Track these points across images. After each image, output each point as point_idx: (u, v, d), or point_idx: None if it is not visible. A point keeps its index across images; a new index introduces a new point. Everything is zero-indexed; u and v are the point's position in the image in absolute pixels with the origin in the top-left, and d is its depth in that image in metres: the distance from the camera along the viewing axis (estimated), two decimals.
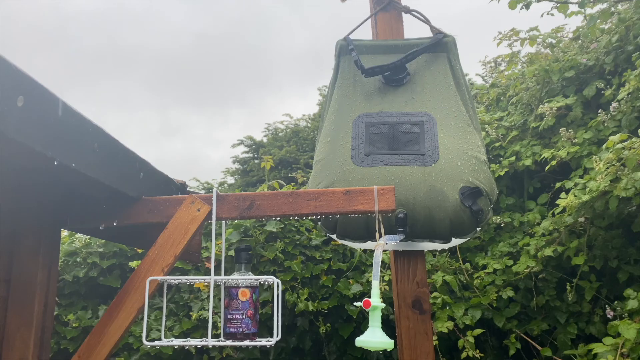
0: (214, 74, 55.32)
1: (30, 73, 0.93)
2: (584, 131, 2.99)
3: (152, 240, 1.47)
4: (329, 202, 1.46)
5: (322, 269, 3.09)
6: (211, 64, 58.52)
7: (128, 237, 1.72)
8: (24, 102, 0.91)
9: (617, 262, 2.78)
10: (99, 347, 1.37)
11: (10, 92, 0.88)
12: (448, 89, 1.86)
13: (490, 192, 1.70)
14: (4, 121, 0.86)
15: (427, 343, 1.79)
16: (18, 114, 0.90)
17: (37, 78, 0.96)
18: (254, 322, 1.44)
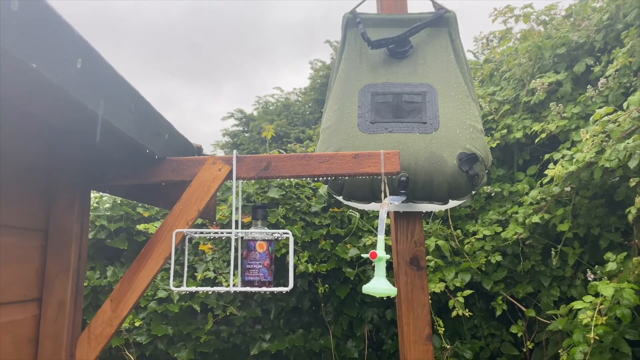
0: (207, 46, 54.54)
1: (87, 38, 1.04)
2: (572, 106, 3.13)
3: (172, 200, 1.60)
4: (340, 164, 1.60)
5: (321, 234, 3.24)
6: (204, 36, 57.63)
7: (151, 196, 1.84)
8: (81, 64, 1.02)
9: (599, 229, 2.96)
10: (129, 293, 1.50)
11: (72, 55, 0.99)
12: (448, 62, 1.98)
13: (486, 158, 1.84)
14: (66, 81, 0.97)
15: (423, 296, 1.96)
16: (77, 75, 1.01)
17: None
18: (270, 272, 1.59)
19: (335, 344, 3.28)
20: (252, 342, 3.16)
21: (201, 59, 46.52)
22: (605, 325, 2.47)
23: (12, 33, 0.80)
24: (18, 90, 1.03)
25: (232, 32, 57.99)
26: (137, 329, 2.99)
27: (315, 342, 3.25)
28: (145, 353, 2.99)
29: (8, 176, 1.31)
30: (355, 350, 3.29)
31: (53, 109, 1.13)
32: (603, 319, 2.48)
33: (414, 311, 1.94)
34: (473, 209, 3.40)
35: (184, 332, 3.02)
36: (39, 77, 0.90)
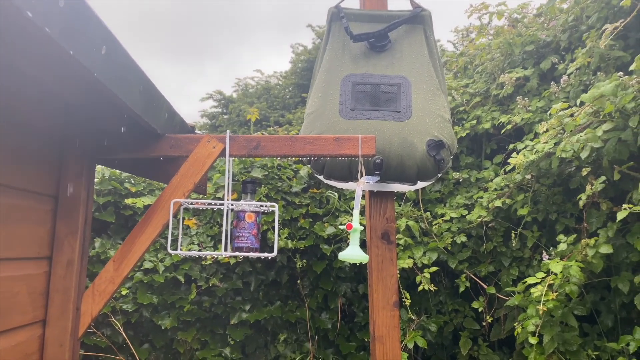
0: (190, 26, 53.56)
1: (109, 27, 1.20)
2: (537, 100, 3.38)
3: (168, 174, 1.78)
4: (322, 146, 1.80)
5: (301, 212, 3.45)
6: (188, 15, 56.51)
7: (150, 171, 2.02)
8: (105, 50, 1.19)
9: (557, 215, 3.23)
10: (130, 254, 1.69)
11: (99, 43, 1.15)
12: (422, 56, 2.18)
13: (452, 145, 2.06)
14: (93, 65, 1.14)
15: (392, 267, 2.18)
16: (101, 60, 1.18)
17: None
18: (257, 240, 1.78)
19: (311, 316, 3.51)
20: (233, 312, 3.36)
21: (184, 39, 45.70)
22: (555, 300, 2.74)
23: (58, 25, 0.97)
24: (50, 73, 1.20)
25: (216, 12, 56.93)
26: (123, 298, 3.16)
27: (292, 313, 3.47)
28: (131, 320, 3.17)
29: (26, 147, 1.47)
30: (329, 321, 3.52)
31: (75, 88, 1.30)
32: (554, 294, 2.75)
33: (383, 280, 2.16)
34: (442, 194, 3.64)
35: (168, 301, 3.20)
36: (73, 61, 1.07)
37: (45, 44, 0.99)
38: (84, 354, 3.12)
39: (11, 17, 0.87)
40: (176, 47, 41.94)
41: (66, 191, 1.65)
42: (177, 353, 3.32)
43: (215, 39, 41.07)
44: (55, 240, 1.63)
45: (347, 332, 3.63)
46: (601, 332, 3.03)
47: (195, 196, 3.19)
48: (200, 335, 3.31)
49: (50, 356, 1.57)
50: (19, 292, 1.44)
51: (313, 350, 3.51)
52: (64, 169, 1.66)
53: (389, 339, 2.14)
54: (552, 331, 2.82)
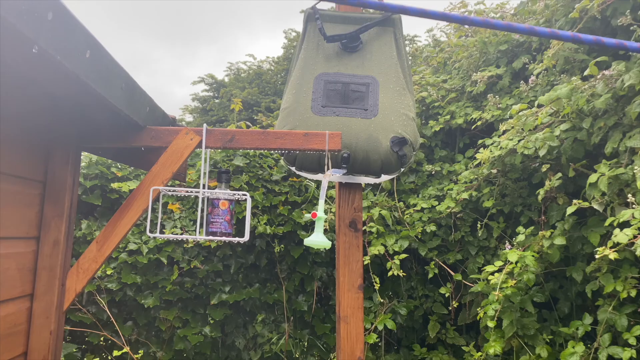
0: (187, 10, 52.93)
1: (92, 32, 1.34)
2: (508, 98, 3.55)
3: (149, 163, 1.93)
4: (292, 140, 1.95)
5: (280, 200, 3.61)
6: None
7: (133, 159, 2.17)
8: (89, 54, 1.33)
9: (522, 208, 3.42)
10: (112, 236, 1.84)
11: (84, 48, 1.30)
12: (391, 58, 2.33)
13: (414, 142, 2.22)
14: (78, 68, 1.28)
15: (358, 253, 2.35)
16: (86, 63, 1.32)
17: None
18: (230, 225, 1.94)
19: (288, 298, 3.69)
20: (213, 293, 3.53)
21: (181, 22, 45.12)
22: (514, 288, 2.94)
23: (47, 35, 1.11)
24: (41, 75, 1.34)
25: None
26: (108, 277, 3.32)
27: (270, 295, 3.65)
28: (115, 298, 3.33)
29: (17, 135, 1.61)
30: (305, 303, 3.71)
31: (62, 86, 1.44)
32: (513, 282, 2.94)
33: (349, 265, 2.33)
34: (416, 185, 3.82)
35: (151, 281, 3.36)
36: (60, 66, 1.21)
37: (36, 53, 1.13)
38: (70, 329, 3.29)
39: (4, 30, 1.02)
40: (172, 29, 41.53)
41: (53, 177, 1.79)
42: (159, 331, 3.49)
43: (211, 23, 40.65)
44: (42, 221, 1.78)
45: (322, 314, 3.82)
46: (558, 318, 3.24)
47: (178, 183, 3.35)
48: (182, 314, 3.49)
49: (37, 327, 1.73)
50: (9, 268, 1.59)
51: (289, 330, 3.70)
52: (51, 156, 1.80)
53: (353, 319, 2.32)
54: (511, 316, 3.02)
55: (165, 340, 3.49)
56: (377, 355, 3.72)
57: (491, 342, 3.06)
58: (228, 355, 3.67)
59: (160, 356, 3.44)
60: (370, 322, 3.48)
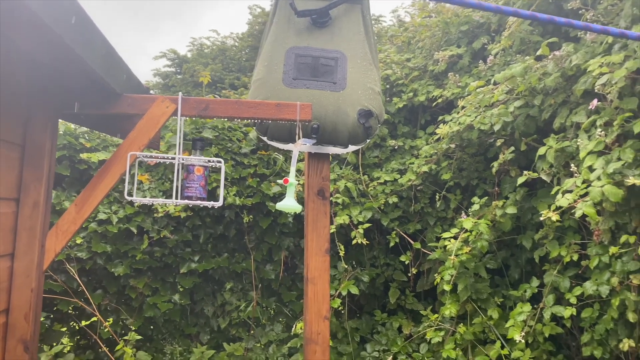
0: None
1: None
2: (468, 77, 3.73)
3: (125, 130, 2.00)
4: (264, 110, 2.05)
5: (249, 172, 3.71)
6: None
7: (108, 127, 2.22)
8: (75, 20, 1.39)
9: (477, 181, 3.63)
10: (91, 199, 1.91)
11: (68, 13, 1.36)
12: (359, 34, 2.44)
13: (380, 114, 2.36)
14: (65, 32, 1.35)
15: (325, 220, 2.49)
16: (71, 28, 1.38)
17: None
18: (204, 190, 2.04)
19: (256, 267, 3.82)
20: (182, 262, 3.62)
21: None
22: (469, 254, 3.15)
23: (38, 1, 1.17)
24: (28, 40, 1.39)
25: None
26: (78, 246, 3.36)
27: (238, 264, 3.77)
28: (85, 267, 3.37)
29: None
30: (273, 272, 3.85)
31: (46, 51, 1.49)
32: (467, 249, 3.15)
33: (317, 230, 2.47)
34: (380, 159, 3.98)
35: (121, 250, 3.42)
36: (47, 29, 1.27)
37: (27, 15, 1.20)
38: None
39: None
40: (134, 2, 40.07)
41: (32, 142, 1.85)
42: (129, 298, 3.56)
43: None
44: (22, 184, 1.83)
45: (289, 283, 3.97)
46: (509, 283, 3.49)
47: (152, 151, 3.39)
48: (151, 282, 3.57)
49: (18, 285, 1.80)
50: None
51: (257, 298, 3.83)
52: (31, 122, 1.85)
53: (320, 281, 2.47)
54: (465, 281, 3.25)
55: (135, 308, 3.57)
56: (341, 321, 3.91)
57: (447, 305, 3.28)
58: (197, 322, 3.79)
59: (130, 323, 3.52)
60: (335, 289, 3.65)
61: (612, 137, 2.18)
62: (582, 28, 1.19)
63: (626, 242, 2.30)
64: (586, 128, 2.38)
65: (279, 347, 3.73)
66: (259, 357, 3.69)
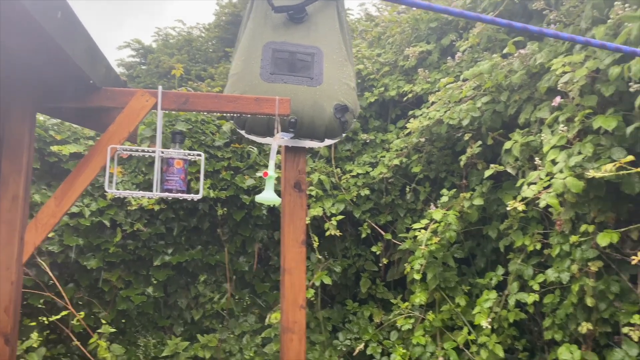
0: None
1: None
2: (437, 73, 3.84)
3: (103, 124, 2.01)
4: (244, 105, 2.10)
5: (223, 165, 3.73)
6: None
7: (87, 120, 2.22)
8: (61, 15, 1.40)
9: (445, 173, 3.75)
10: (70, 192, 1.92)
11: (55, 8, 1.37)
12: (334, 30, 2.50)
13: (355, 109, 2.43)
14: (52, 27, 1.36)
15: (302, 212, 2.55)
16: (57, 22, 1.39)
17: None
18: (184, 183, 2.07)
19: (229, 259, 3.85)
20: (156, 254, 3.63)
21: None
22: (437, 244, 3.27)
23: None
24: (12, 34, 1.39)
25: None
26: (49, 240, 3.32)
27: (212, 257, 3.80)
28: (57, 260, 3.34)
29: None
30: (246, 264, 3.89)
31: (28, 44, 1.50)
32: (436, 239, 3.27)
33: (294, 222, 2.53)
34: (352, 152, 4.06)
35: (94, 243, 3.40)
36: (36, 25, 1.29)
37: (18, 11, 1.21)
38: None
39: None
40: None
41: (11, 134, 1.84)
42: (102, 292, 3.55)
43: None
44: (1, 177, 1.82)
45: (263, 274, 4.02)
46: (475, 272, 3.64)
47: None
48: (125, 275, 3.56)
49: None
50: None
51: (231, 289, 3.87)
52: (9, 114, 1.84)
53: (297, 271, 2.53)
54: (434, 270, 3.37)
55: (108, 301, 3.55)
56: (314, 311, 3.99)
57: (417, 294, 3.40)
58: (170, 315, 3.80)
59: (103, 317, 3.51)
60: (308, 280, 3.73)
61: (574, 133, 2.32)
62: (536, 32, 1.28)
63: (585, 232, 2.45)
64: (549, 123, 2.52)
65: (253, 338, 3.79)
66: (232, 347, 3.73)
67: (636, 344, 2.40)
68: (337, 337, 3.82)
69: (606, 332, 2.64)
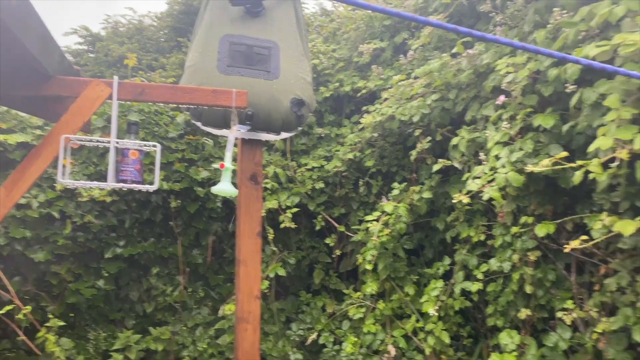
0: None
1: None
2: (390, 70, 3.95)
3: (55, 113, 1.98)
4: (201, 96, 2.11)
5: (177, 157, 3.70)
6: None
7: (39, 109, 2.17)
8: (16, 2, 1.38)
9: (397, 168, 3.87)
10: (21, 182, 1.89)
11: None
12: (291, 25, 2.55)
13: (310, 103, 2.48)
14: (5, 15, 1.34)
15: (258, 203, 2.59)
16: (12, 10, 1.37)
17: None
18: (139, 174, 2.07)
19: (183, 252, 3.84)
20: (107, 247, 3.57)
21: None
22: (388, 236, 3.38)
23: None
24: None
25: None
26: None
27: (165, 249, 3.77)
28: (2, 253, 3.23)
29: None
30: (200, 257, 3.89)
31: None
32: (388, 231, 3.38)
33: (250, 214, 2.56)
34: (307, 146, 4.12)
35: (42, 235, 3.31)
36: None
37: None
38: None
39: None
40: None
41: None
42: (50, 285, 3.46)
43: None
44: None
45: (217, 267, 4.03)
46: (424, 262, 3.78)
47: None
48: (74, 268, 3.49)
49: None
50: None
51: (184, 282, 3.86)
52: None
53: (252, 262, 2.57)
54: (385, 261, 3.48)
55: (56, 295, 3.47)
56: (268, 302, 4.03)
57: (368, 283, 3.50)
58: (122, 308, 3.75)
59: (52, 310, 3.43)
60: (262, 271, 3.76)
61: (516, 130, 2.47)
62: (479, 37, 1.38)
63: (525, 223, 2.61)
64: (494, 121, 2.66)
65: (206, 330, 3.79)
66: (185, 340, 3.73)
67: (569, 328, 2.59)
68: (290, 328, 3.88)
69: (543, 318, 2.83)
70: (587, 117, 2.08)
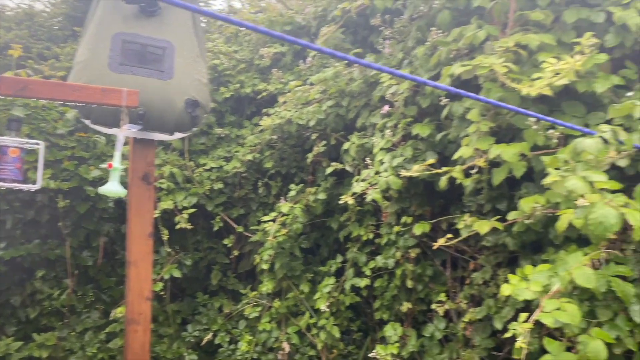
0: None
1: None
2: (290, 74, 4.06)
3: None
4: (89, 94, 2.07)
5: (66, 155, 3.54)
6: None
7: None
8: None
9: (295, 169, 3.99)
10: None
11: None
12: (187, 26, 2.56)
13: (206, 105, 2.52)
14: None
15: (150, 204, 2.57)
16: None
17: None
18: (21, 173, 2.00)
19: (71, 253, 3.67)
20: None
21: None
22: (285, 235, 3.49)
23: None
24: None
25: None
26: None
27: (52, 251, 3.59)
28: None
29: None
30: (90, 259, 3.74)
31: None
32: (285, 231, 3.49)
33: (141, 215, 2.54)
34: (207, 146, 4.12)
35: None
36: None
37: None
38: None
39: None
40: None
41: None
42: None
43: None
44: None
45: (109, 269, 3.90)
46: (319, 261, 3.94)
47: None
48: None
49: None
50: None
51: (72, 285, 3.70)
52: None
53: (143, 263, 2.55)
54: (282, 260, 3.58)
55: None
56: (163, 304, 3.98)
57: (265, 283, 3.59)
58: (2, 314, 3.52)
59: None
60: (157, 273, 3.71)
61: (398, 137, 2.68)
62: (352, 61, 1.53)
63: (405, 223, 2.84)
64: (380, 128, 2.86)
65: (96, 334, 3.66)
66: (73, 345, 3.58)
67: (443, 318, 2.85)
68: (186, 329, 3.86)
69: (422, 310, 3.08)
70: (456, 128, 2.32)
